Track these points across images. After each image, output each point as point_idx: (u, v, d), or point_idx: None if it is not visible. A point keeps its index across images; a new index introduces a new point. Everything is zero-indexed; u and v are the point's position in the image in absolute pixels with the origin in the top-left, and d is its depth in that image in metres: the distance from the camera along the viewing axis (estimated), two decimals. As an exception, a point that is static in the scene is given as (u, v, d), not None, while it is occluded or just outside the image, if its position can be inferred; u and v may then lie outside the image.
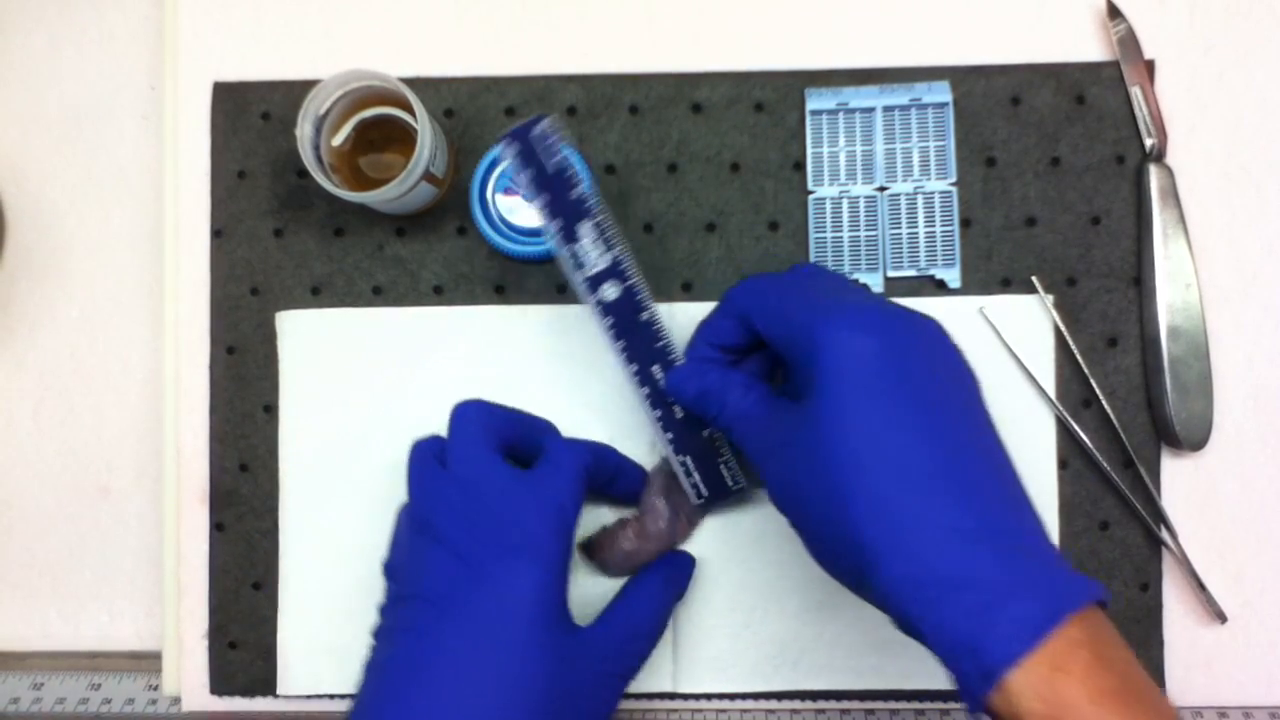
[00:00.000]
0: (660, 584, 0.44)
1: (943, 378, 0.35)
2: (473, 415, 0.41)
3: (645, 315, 0.43)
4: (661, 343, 0.43)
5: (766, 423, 0.38)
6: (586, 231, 0.42)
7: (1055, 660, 0.30)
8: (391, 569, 0.41)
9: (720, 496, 0.45)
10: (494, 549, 0.37)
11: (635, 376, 0.43)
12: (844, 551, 0.34)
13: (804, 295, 0.38)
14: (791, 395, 0.38)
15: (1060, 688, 0.29)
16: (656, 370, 0.43)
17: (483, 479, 0.39)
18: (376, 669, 0.38)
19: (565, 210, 0.42)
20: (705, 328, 0.42)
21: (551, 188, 0.42)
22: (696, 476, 0.44)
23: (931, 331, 0.36)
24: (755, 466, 0.38)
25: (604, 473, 0.43)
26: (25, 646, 0.52)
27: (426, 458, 0.41)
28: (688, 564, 0.46)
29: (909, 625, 0.32)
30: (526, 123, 0.42)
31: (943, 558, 0.31)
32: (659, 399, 0.44)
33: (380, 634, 0.39)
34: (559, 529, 0.38)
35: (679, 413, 0.44)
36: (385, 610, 0.40)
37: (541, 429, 0.44)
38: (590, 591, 0.46)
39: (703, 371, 0.41)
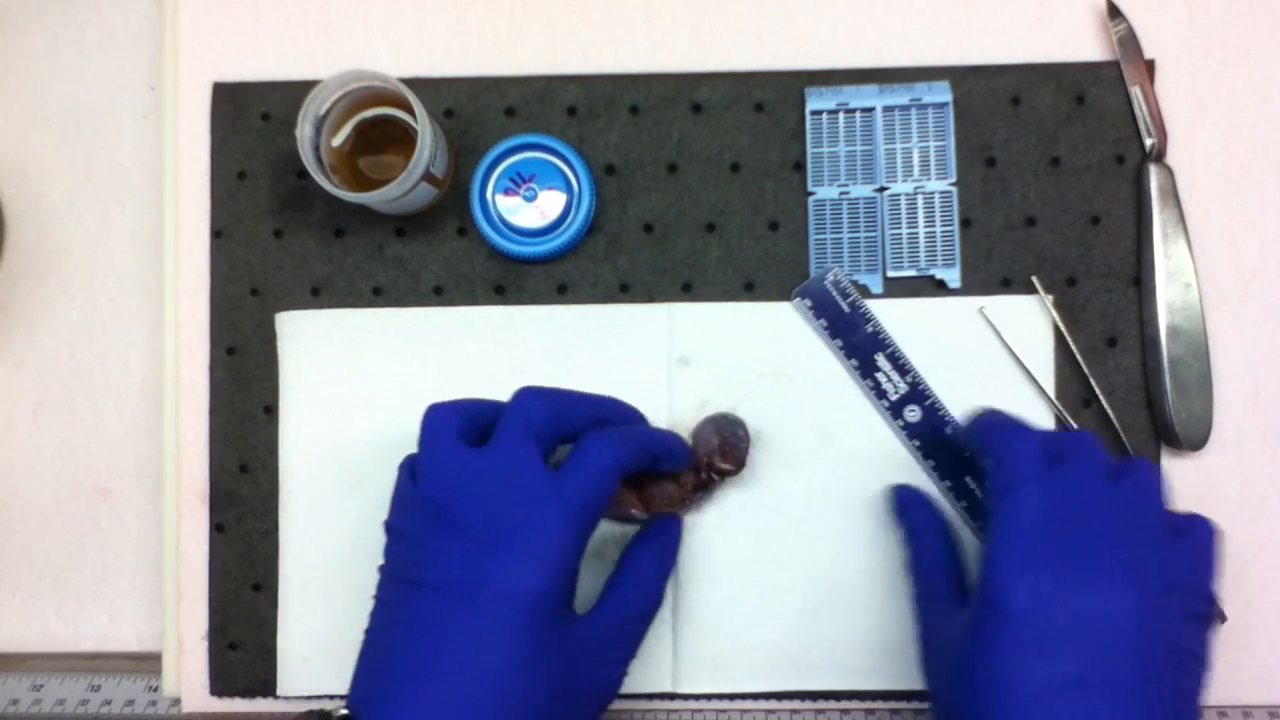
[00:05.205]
0: (653, 561, 0.43)
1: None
2: (530, 403, 0.40)
3: (950, 430, 0.46)
4: (969, 453, 0.45)
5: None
6: (883, 363, 0.45)
7: None
8: (394, 532, 0.40)
9: None
10: (508, 543, 0.37)
11: (950, 492, 0.45)
12: None
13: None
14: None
15: None
16: (970, 481, 0.46)
17: (517, 474, 0.38)
18: (378, 653, 0.38)
19: (861, 347, 0.46)
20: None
21: (847, 330, 0.46)
22: None
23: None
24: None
25: (643, 462, 0.41)
26: (25, 647, 0.52)
27: (449, 433, 0.39)
28: (676, 532, 0.45)
29: None
30: (815, 277, 0.46)
31: None
32: (977, 512, 0.45)
33: (382, 609, 0.39)
34: (575, 531, 0.38)
35: None
36: (389, 582, 0.39)
37: (590, 418, 0.42)
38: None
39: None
